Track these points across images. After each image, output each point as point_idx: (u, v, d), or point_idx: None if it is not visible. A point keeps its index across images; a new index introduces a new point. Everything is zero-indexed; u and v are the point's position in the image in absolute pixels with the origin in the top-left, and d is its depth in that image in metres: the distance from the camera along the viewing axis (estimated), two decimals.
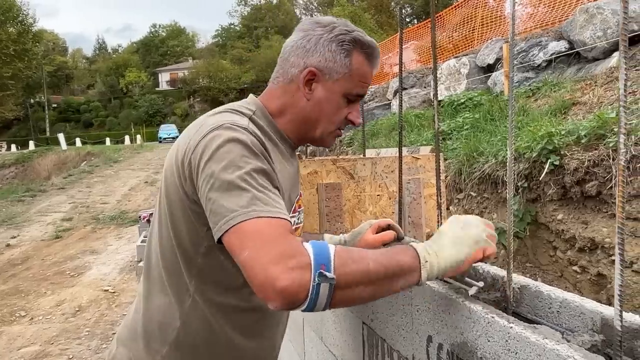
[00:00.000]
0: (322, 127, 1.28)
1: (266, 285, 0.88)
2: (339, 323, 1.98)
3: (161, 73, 64.92)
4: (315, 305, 0.90)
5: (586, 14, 6.62)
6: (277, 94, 1.29)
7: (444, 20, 13.66)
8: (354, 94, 1.27)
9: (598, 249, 3.50)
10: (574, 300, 1.05)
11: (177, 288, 1.22)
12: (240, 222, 0.96)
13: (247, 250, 0.93)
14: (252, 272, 0.91)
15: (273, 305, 0.89)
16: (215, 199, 1.01)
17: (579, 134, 3.69)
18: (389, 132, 9.16)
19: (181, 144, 1.17)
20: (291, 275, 0.88)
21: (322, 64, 1.22)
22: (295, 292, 0.88)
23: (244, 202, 0.98)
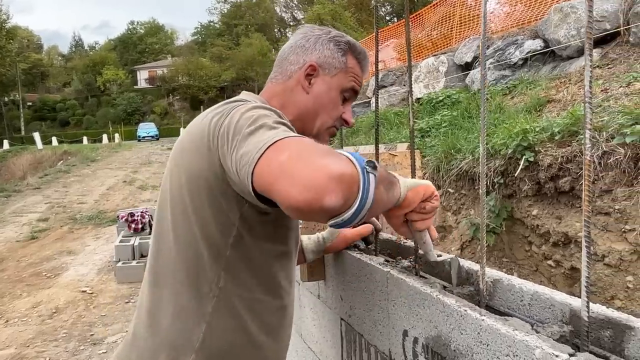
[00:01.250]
0: (320, 120, 1.31)
1: (321, 176, 0.80)
2: (318, 320, 1.99)
3: (140, 71, 64.07)
4: (367, 200, 0.85)
5: (560, 13, 6.73)
6: (276, 91, 1.32)
7: (422, 18, 13.70)
8: (349, 89, 1.33)
9: (571, 243, 3.57)
10: (544, 293, 1.08)
11: (200, 288, 1.16)
12: (274, 142, 0.89)
13: (288, 151, 0.86)
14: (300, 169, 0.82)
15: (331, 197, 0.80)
16: (244, 143, 0.95)
17: (553, 131, 3.76)
18: (369, 129, 9.19)
19: (196, 132, 1.13)
20: (342, 163, 0.84)
21: (322, 59, 1.29)
22: (351, 180, 0.83)
23: (275, 133, 0.93)
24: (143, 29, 71.41)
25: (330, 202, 0.80)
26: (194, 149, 1.13)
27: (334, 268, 1.76)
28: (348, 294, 1.64)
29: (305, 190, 0.80)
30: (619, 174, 3.20)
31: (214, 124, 1.07)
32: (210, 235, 1.14)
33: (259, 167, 0.88)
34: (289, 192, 0.82)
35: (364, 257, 1.54)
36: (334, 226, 0.87)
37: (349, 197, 0.83)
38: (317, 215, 0.83)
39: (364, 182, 0.85)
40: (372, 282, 1.45)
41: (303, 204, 0.80)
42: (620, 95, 4.11)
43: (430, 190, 1.13)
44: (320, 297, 1.93)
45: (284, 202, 0.83)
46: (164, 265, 1.20)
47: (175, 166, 1.19)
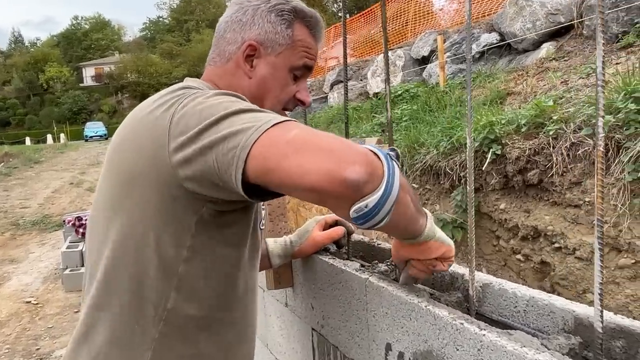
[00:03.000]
0: (267, 106, 1.13)
1: (343, 147, 0.73)
2: (286, 329, 1.88)
3: (85, 68, 62.52)
4: (393, 184, 0.77)
5: (516, 6, 6.80)
6: (217, 75, 1.15)
7: (375, 14, 13.81)
8: (301, 66, 1.16)
9: (541, 237, 3.55)
10: (541, 298, 1.01)
11: (144, 311, 1.00)
12: (276, 124, 0.79)
13: (297, 128, 0.78)
14: (316, 140, 0.75)
15: (356, 168, 0.72)
16: (223, 129, 0.83)
17: (519, 123, 3.72)
18: (327, 125, 9.10)
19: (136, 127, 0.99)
20: (363, 147, 0.76)
21: (262, 36, 1.11)
22: (376, 162, 0.76)
23: (264, 115, 0.84)
24: (88, 24, 69.71)
25: (354, 174, 0.71)
26: (135, 148, 0.97)
27: (303, 274, 1.65)
28: (320, 302, 1.54)
29: (324, 160, 0.72)
30: (589, 165, 3.18)
31: (160, 117, 0.93)
32: (159, 248, 0.98)
33: (258, 148, 0.78)
34: (304, 167, 0.73)
35: (337, 262, 1.43)
36: (357, 219, 0.77)
37: (373, 175, 0.74)
38: (338, 193, 0.73)
39: (388, 167, 0.77)
40: (348, 290, 1.34)
41: (321, 177, 0.71)
42: (581, 87, 4.13)
43: (450, 255, 1.06)
44: (288, 305, 1.82)
45: (298, 181, 0.74)
46: (100, 284, 1.03)
47: (112, 168, 1.03)
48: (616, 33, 5.48)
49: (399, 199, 0.80)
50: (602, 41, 0.80)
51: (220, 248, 1.04)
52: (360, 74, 10.98)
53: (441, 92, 6.94)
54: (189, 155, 0.87)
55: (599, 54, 0.80)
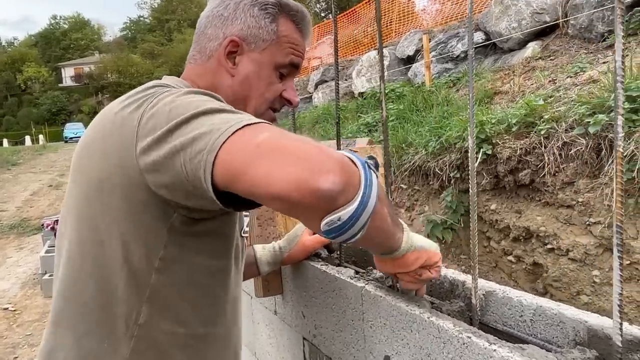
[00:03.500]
0: (252, 107, 1.08)
1: (318, 152, 0.68)
2: (275, 338, 1.84)
3: (64, 68, 61.90)
4: (370, 196, 0.72)
5: (501, 6, 6.80)
6: (197, 74, 1.09)
7: (358, 14, 13.84)
8: (287, 64, 1.09)
9: (533, 237, 3.52)
10: (550, 308, 0.97)
11: (114, 327, 0.93)
12: (246, 125, 0.74)
13: (268, 131, 0.73)
14: (288, 145, 0.70)
15: (331, 177, 0.66)
16: (190, 131, 0.77)
17: (509, 122, 3.68)
18: (312, 125, 9.03)
19: (104, 128, 0.93)
20: (340, 154, 0.72)
21: (245, 31, 1.05)
22: (352, 170, 0.71)
23: (236, 116, 0.78)
24: (67, 23, 68.91)
25: (327, 183, 0.66)
26: (103, 150, 0.91)
27: (293, 281, 1.61)
28: (312, 310, 1.49)
29: (295, 167, 0.66)
30: (581, 165, 3.15)
31: (128, 117, 0.87)
32: (128, 258, 0.91)
33: (225, 151, 0.72)
34: (272, 174, 0.67)
35: (330, 269, 1.38)
36: (328, 232, 0.71)
37: (349, 185, 0.69)
38: (308, 204, 0.67)
39: (365, 176, 0.72)
40: (343, 298, 1.29)
41: (291, 186, 0.65)
42: (569, 86, 4.11)
43: (434, 259, 1.02)
44: (278, 313, 1.78)
45: (264, 188, 0.68)
46: (67, 298, 0.96)
47: (79, 172, 0.96)
48: (602, 32, 5.50)
49: (376, 212, 0.75)
50: (622, 33, 0.75)
51: (197, 258, 0.97)
52: (345, 73, 10.92)
53: (427, 91, 6.91)
54: (156, 159, 0.81)
55: (618, 47, 0.74)
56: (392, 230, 0.90)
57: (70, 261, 0.96)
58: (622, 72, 0.75)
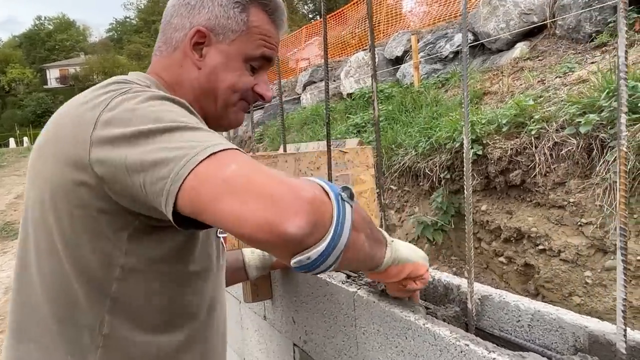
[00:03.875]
0: (221, 99, 1.03)
1: (286, 192, 0.65)
2: (265, 344, 1.81)
3: (49, 69, 61.31)
4: (342, 232, 0.70)
5: (489, 6, 6.80)
6: (163, 66, 1.04)
7: (345, 16, 13.86)
8: (258, 56, 1.04)
9: (524, 238, 3.50)
10: (548, 312, 0.95)
11: (78, 339, 0.89)
12: (218, 152, 0.70)
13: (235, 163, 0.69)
14: (255, 181, 0.67)
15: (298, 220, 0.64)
16: (154, 149, 0.73)
17: (500, 123, 3.66)
18: (301, 126, 8.99)
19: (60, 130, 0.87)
20: (312, 188, 0.69)
21: (212, 21, 1.00)
22: (323, 207, 0.68)
23: (201, 137, 0.74)
24: (52, 24, 68.26)
25: (294, 228, 0.64)
26: (57, 154, 0.85)
27: (283, 286, 1.58)
28: (302, 316, 1.47)
29: (262, 208, 0.64)
30: (572, 165, 3.13)
31: (83, 118, 0.82)
32: (86, 268, 0.87)
33: (190, 184, 0.69)
34: (240, 214, 0.65)
35: None
36: (299, 268, 0.69)
37: (318, 226, 0.67)
38: (276, 245, 0.66)
39: (337, 211, 0.70)
40: (334, 303, 1.27)
41: (257, 228, 0.64)
42: (558, 86, 4.11)
43: (420, 272, 0.99)
44: (267, 318, 1.76)
45: (232, 227, 0.66)
46: (27, 311, 0.92)
47: (35, 177, 0.91)
48: (589, 32, 5.52)
49: (350, 244, 0.72)
50: (625, 28, 0.71)
51: (162, 265, 0.92)
52: (333, 74, 10.89)
53: (416, 92, 6.89)
54: (114, 171, 0.78)
55: (621, 41, 0.71)
56: (371, 254, 0.87)
57: (29, 271, 0.91)
58: (625, 67, 0.72)
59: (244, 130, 12.33)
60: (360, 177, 2.31)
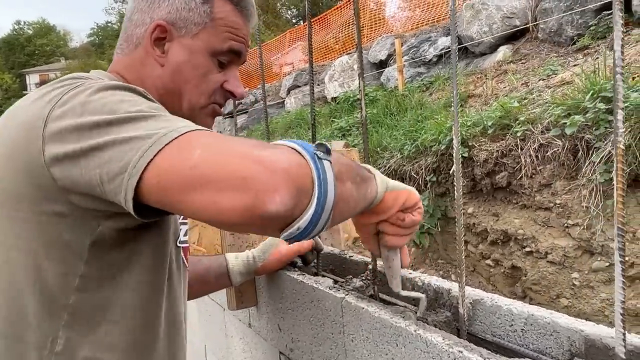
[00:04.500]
0: (187, 100, 0.97)
1: (260, 170, 0.61)
2: (250, 352, 1.77)
3: (29, 75, 60.61)
4: (327, 193, 0.66)
5: (472, 10, 6.86)
6: (124, 65, 0.99)
7: (329, 20, 13.91)
8: (225, 50, 0.98)
9: (511, 241, 3.51)
10: (542, 316, 0.92)
11: (28, 356, 0.82)
12: (177, 137, 0.66)
13: (200, 148, 0.64)
14: (225, 166, 0.62)
15: (279, 197, 0.60)
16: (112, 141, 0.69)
17: (485, 125, 3.66)
18: (285, 131, 8.96)
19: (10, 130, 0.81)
20: (285, 155, 0.64)
21: (173, 15, 0.94)
22: (301, 173, 0.64)
23: (158, 124, 0.70)
24: (31, 29, 67.46)
25: (275, 206, 0.61)
26: (11, 156, 0.79)
27: (268, 292, 1.55)
28: (288, 323, 1.43)
29: (239, 193, 0.60)
30: (558, 167, 3.14)
31: (36, 115, 0.77)
32: (40, 278, 0.81)
33: (152, 173, 0.65)
34: (215, 202, 0.62)
35: (307, 279, 1.32)
36: (292, 239, 0.67)
37: (300, 194, 0.63)
38: (261, 226, 0.64)
39: (317, 172, 0.65)
40: (321, 310, 1.24)
41: (238, 214, 0.61)
42: (542, 88, 4.13)
43: (414, 199, 0.92)
44: (252, 325, 1.71)
45: (210, 217, 0.64)
46: None
47: None
48: (571, 36, 5.58)
49: (338, 199, 0.69)
50: (621, 26, 0.68)
51: (124, 275, 0.87)
52: (317, 78, 10.91)
53: (400, 95, 6.91)
54: (70, 172, 0.73)
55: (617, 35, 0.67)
56: (362, 194, 0.82)
57: None
58: (622, 62, 0.69)
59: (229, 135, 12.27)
60: None
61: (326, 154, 0.68)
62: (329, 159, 0.68)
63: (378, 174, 0.88)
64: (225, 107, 1.17)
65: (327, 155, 0.68)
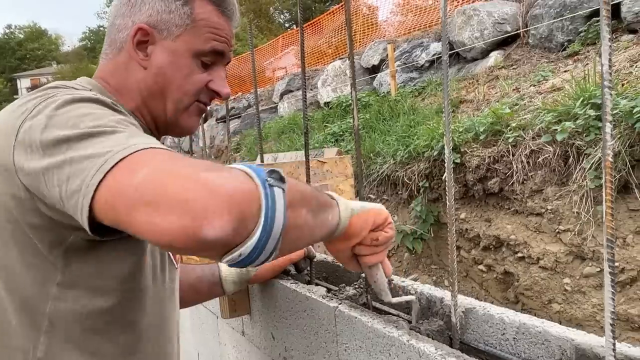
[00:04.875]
0: (171, 101, 0.99)
1: (201, 193, 0.59)
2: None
3: (20, 79, 60.15)
4: (274, 220, 0.64)
5: (464, 16, 6.88)
6: (109, 70, 1.00)
7: (322, 25, 13.90)
8: (208, 51, 0.99)
9: (503, 246, 3.51)
10: (533, 325, 0.92)
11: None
12: (128, 155, 0.66)
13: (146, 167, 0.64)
14: (167, 187, 0.61)
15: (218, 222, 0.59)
16: (67, 158, 0.70)
17: (477, 131, 3.68)
18: (278, 135, 8.94)
19: None
20: (233, 178, 0.64)
21: (154, 17, 0.96)
22: (248, 198, 0.62)
23: (113, 141, 0.70)
24: (23, 33, 66.92)
25: (212, 231, 0.59)
26: None
27: (261, 300, 1.55)
28: (282, 332, 1.43)
29: (177, 215, 0.59)
30: (549, 172, 3.16)
31: (10, 127, 0.78)
32: (17, 286, 0.83)
33: (102, 193, 0.65)
34: (153, 223, 0.61)
35: (300, 288, 1.32)
36: (232, 265, 0.66)
37: (244, 220, 0.62)
38: (200, 250, 0.62)
39: (266, 199, 0.64)
40: (315, 319, 1.24)
41: (174, 236, 0.59)
42: (533, 94, 4.16)
43: (383, 217, 0.96)
44: (246, 334, 1.71)
45: (149, 238, 0.63)
46: None
47: None
48: (562, 41, 5.62)
49: (289, 226, 0.68)
50: (608, 35, 0.69)
51: (100, 281, 0.88)
52: (310, 83, 10.90)
53: (393, 100, 6.92)
54: (37, 186, 0.74)
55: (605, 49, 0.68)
56: (319, 220, 0.82)
57: None
58: (609, 75, 0.70)
59: (221, 140, 12.22)
60: (339, 187, 2.29)
61: (279, 181, 0.67)
62: (281, 187, 0.67)
63: (342, 200, 0.90)
64: (218, 112, 1.18)
65: (280, 183, 0.67)
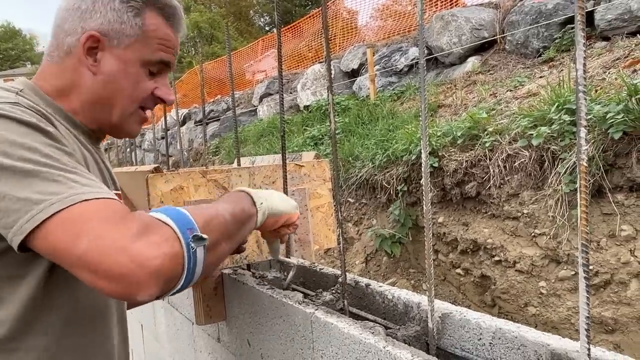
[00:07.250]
0: (119, 107, 1.03)
1: (133, 269, 0.71)
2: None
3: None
4: (193, 277, 0.80)
5: (442, 21, 6.95)
6: (54, 72, 1.02)
7: (301, 29, 13.89)
8: (156, 61, 1.04)
9: (480, 250, 3.54)
10: (510, 330, 0.93)
11: None
12: (61, 210, 0.74)
13: (86, 236, 0.72)
14: (105, 261, 0.71)
15: (147, 292, 0.73)
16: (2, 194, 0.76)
17: (455, 135, 3.70)
18: (257, 139, 8.90)
19: None
20: (161, 249, 0.74)
21: (106, 26, 0.99)
22: (173, 268, 0.76)
23: (54, 188, 0.76)
24: None
25: (144, 297, 0.73)
26: None
27: (237, 307, 1.54)
28: (258, 338, 1.42)
29: (115, 284, 0.72)
30: (525, 177, 3.19)
31: None
32: None
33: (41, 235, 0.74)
34: (97, 285, 0.73)
35: (276, 293, 1.32)
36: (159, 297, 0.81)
37: (169, 284, 0.77)
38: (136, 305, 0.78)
39: (189, 261, 0.78)
40: (291, 325, 1.24)
41: (114, 295, 0.75)
42: (510, 99, 4.20)
43: (292, 220, 1.18)
44: (221, 340, 1.71)
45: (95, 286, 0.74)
46: None
47: None
48: (537, 48, 5.71)
49: (208, 263, 0.83)
50: (582, 40, 0.69)
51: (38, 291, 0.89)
52: (290, 86, 10.87)
53: (372, 104, 6.94)
54: None
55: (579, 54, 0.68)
56: (241, 235, 1.00)
57: None
58: (584, 80, 0.70)
59: (200, 143, 12.11)
60: (317, 191, 2.26)
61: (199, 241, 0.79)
62: (203, 244, 0.79)
63: (264, 205, 1.07)
64: (196, 115, 1.24)
65: (201, 242, 0.79)
